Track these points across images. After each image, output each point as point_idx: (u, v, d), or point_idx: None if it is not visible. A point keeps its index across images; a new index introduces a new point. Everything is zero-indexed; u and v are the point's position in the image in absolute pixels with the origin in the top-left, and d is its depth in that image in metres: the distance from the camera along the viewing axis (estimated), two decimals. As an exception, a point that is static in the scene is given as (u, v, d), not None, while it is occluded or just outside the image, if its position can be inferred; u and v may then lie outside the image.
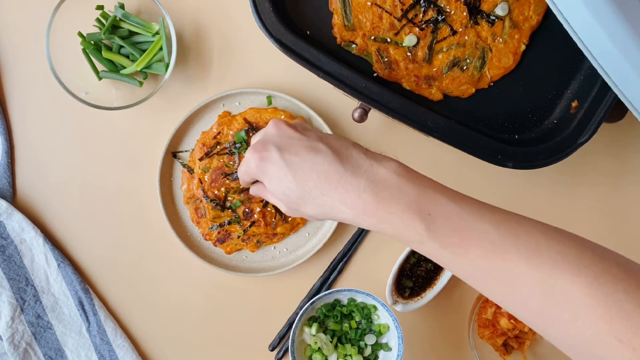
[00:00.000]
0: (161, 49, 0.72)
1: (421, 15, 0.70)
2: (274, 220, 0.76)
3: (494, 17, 0.70)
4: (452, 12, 0.70)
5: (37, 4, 0.75)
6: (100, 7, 0.72)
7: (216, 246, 0.77)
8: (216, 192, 0.75)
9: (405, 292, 0.78)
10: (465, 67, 0.71)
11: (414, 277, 0.78)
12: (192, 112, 0.74)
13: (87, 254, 0.78)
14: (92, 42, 0.73)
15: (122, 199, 0.77)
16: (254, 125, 0.75)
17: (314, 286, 0.79)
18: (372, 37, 0.70)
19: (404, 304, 0.76)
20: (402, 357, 0.72)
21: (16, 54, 0.76)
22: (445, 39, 0.70)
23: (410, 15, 0.69)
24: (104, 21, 0.72)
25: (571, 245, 0.43)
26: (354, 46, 0.71)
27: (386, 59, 0.70)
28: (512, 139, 0.73)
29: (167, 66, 0.72)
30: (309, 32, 0.71)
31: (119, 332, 0.76)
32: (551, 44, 0.72)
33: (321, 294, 0.72)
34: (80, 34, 0.72)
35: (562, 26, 0.58)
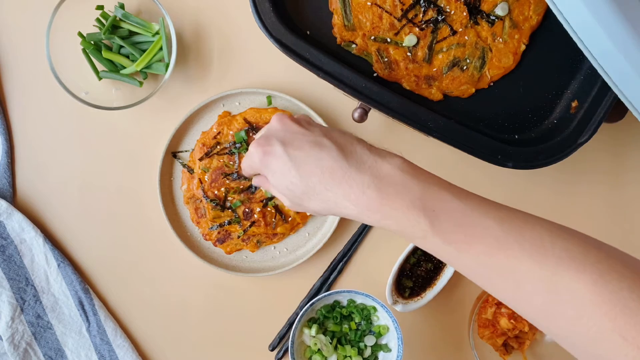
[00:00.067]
0: (161, 49, 0.72)
1: (421, 15, 0.70)
2: (274, 220, 0.76)
3: (494, 17, 0.70)
4: (452, 12, 0.70)
5: (37, 4, 0.75)
6: (100, 7, 0.72)
7: (216, 246, 0.77)
8: (216, 192, 0.75)
9: (405, 292, 0.78)
10: (465, 67, 0.71)
11: (414, 277, 0.78)
12: (192, 112, 0.74)
13: (87, 254, 0.78)
14: (92, 42, 0.73)
15: (122, 199, 0.77)
16: (254, 125, 0.75)
17: (313, 286, 0.79)
18: (372, 37, 0.70)
19: (404, 304, 0.76)
20: (401, 358, 0.72)
21: (16, 54, 0.76)
22: (445, 39, 0.70)
23: (410, 15, 0.69)
24: (104, 21, 0.72)
25: (575, 242, 0.43)
26: (354, 46, 0.71)
27: (386, 59, 0.70)
28: (512, 139, 0.73)
29: (167, 66, 0.72)
30: (309, 32, 0.71)
31: (119, 332, 0.76)
32: (551, 44, 0.72)
33: (320, 295, 0.72)
34: (80, 34, 0.72)
35: (562, 26, 0.58)
